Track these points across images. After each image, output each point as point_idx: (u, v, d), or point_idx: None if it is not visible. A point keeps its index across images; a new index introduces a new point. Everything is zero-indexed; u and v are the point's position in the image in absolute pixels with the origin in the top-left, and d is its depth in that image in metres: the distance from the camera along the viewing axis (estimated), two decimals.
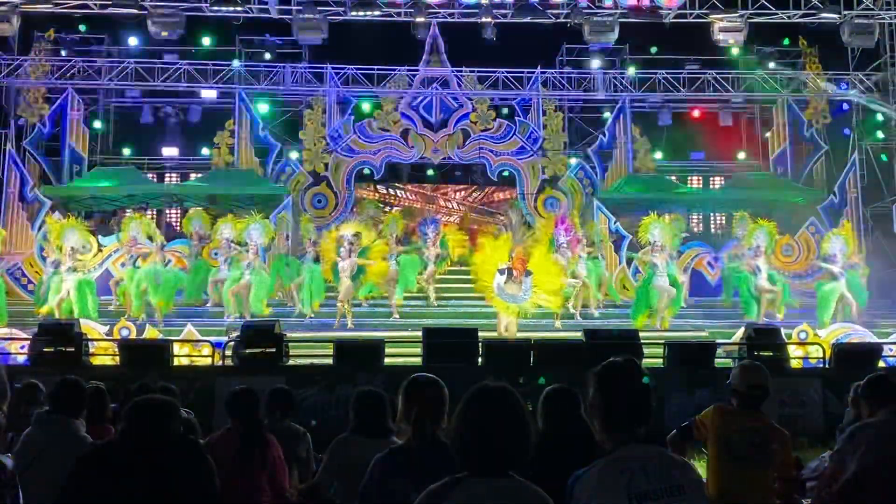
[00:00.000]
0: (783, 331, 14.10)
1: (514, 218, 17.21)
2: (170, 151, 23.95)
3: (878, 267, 19.27)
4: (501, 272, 15.27)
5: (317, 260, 18.10)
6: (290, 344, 12.92)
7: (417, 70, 22.87)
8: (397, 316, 17.98)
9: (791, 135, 23.11)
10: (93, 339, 14.15)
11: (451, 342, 12.53)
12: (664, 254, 17.32)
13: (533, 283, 15.29)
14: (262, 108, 22.85)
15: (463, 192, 24.77)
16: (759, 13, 20.62)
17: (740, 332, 14.59)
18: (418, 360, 12.27)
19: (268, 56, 23.17)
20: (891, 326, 17.12)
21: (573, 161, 23.00)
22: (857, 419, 5.31)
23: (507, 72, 22.73)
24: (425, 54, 22.80)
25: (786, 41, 23.62)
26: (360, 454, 4.29)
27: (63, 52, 22.54)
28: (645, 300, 17.34)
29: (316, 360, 13.36)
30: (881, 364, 12.92)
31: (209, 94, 23.00)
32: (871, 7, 20.59)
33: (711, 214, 24.34)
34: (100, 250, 18.98)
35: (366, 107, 22.98)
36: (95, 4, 20.12)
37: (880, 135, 22.67)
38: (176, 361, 12.94)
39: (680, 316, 17.96)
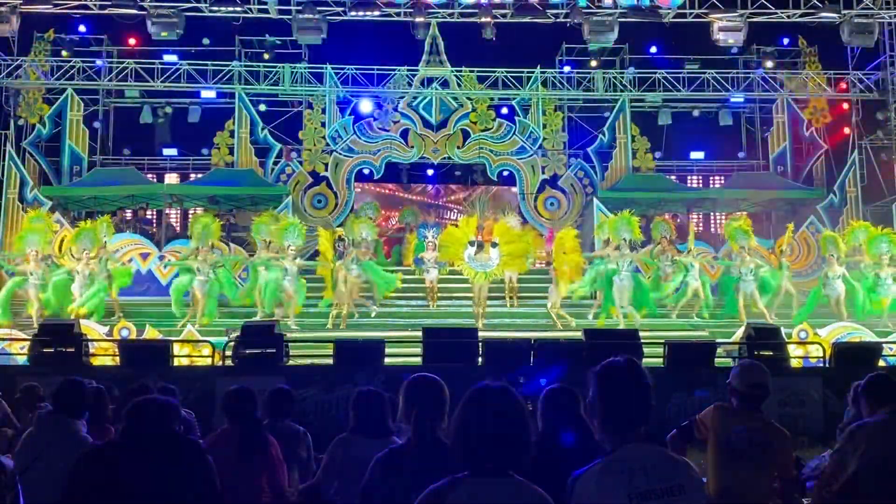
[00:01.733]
0: (783, 330, 14.11)
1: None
2: (169, 151, 23.98)
3: None
4: (472, 244, 16.95)
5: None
6: (290, 344, 12.93)
7: (417, 70, 22.89)
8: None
9: (791, 134, 23.13)
10: (93, 340, 14.13)
11: (450, 342, 12.54)
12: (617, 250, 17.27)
13: (500, 251, 16.91)
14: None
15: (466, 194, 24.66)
16: (758, 12, 20.62)
17: (740, 332, 14.59)
18: (418, 360, 12.28)
19: (267, 56, 23.17)
20: (891, 325, 17.11)
21: (573, 161, 23.07)
22: (858, 418, 5.31)
23: (507, 71, 22.74)
24: (425, 54, 22.81)
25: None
26: (361, 454, 4.29)
27: (63, 53, 22.53)
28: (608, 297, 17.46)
29: (316, 361, 13.36)
30: (881, 363, 12.92)
31: (209, 94, 23.00)
32: (871, 6, 20.59)
33: (711, 214, 24.34)
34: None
35: (365, 106, 22.98)
36: (95, 5, 20.12)
37: (880, 134, 22.66)
38: (176, 362, 12.93)
39: (680, 315, 17.95)
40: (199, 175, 22.71)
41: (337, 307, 17.28)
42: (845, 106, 23.20)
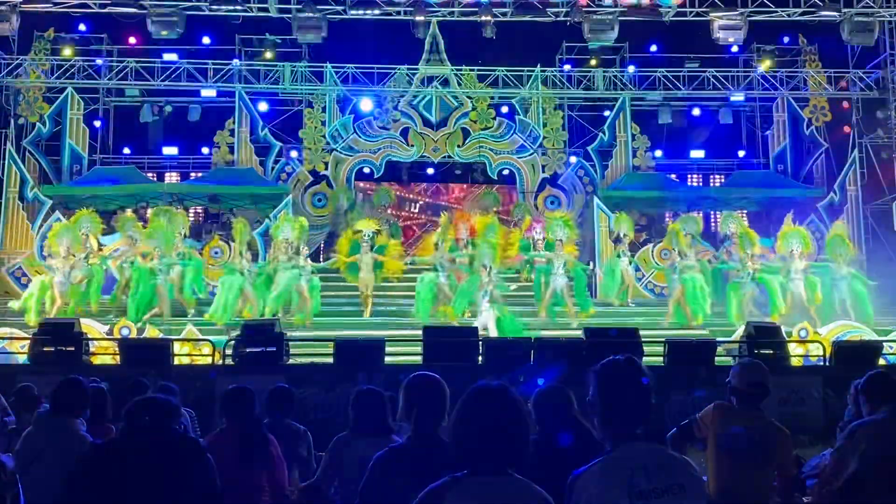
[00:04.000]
0: (783, 329, 14.11)
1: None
2: (170, 150, 23.97)
3: (879, 265, 19.23)
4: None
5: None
6: (290, 343, 12.93)
7: (417, 69, 22.88)
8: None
9: (791, 133, 23.12)
10: (93, 339, 14.13)
11: (451, 341, 12.55)
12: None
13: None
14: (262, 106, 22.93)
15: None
16: (758, 11, 20.60)
17: (741, 331, 14.59)
18: (418, 360, 12.28)
19: (268, 55, 23.16)
20: (890, 324, 17.09)
21: (573, 159, 23.07)
22: (858, 417, 5.31)
23: (507, 70, 22.72)
24: (425, 53, 22.80)
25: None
26: (361, 453, 4.29)
27: (65, 52, 22.49)
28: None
29: (316, 360, 13.36)
30: (881, 362, 12.92)
31: (209, 92, 22.99)
32: (871, 5, 20.57)
33: (711, 213, 24.33)
34: (100, 249, 18.94)
35: (366, 104, 22.97)
36: (95, 3, 20.10)
37: (881, 132, 22.65)
38: (176, 361, 12.93)
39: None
40: (200, 174, 22.71)
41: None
42: (845, 104, 23.19)
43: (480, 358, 12.30)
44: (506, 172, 23.26)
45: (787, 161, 23.08)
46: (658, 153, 23.69)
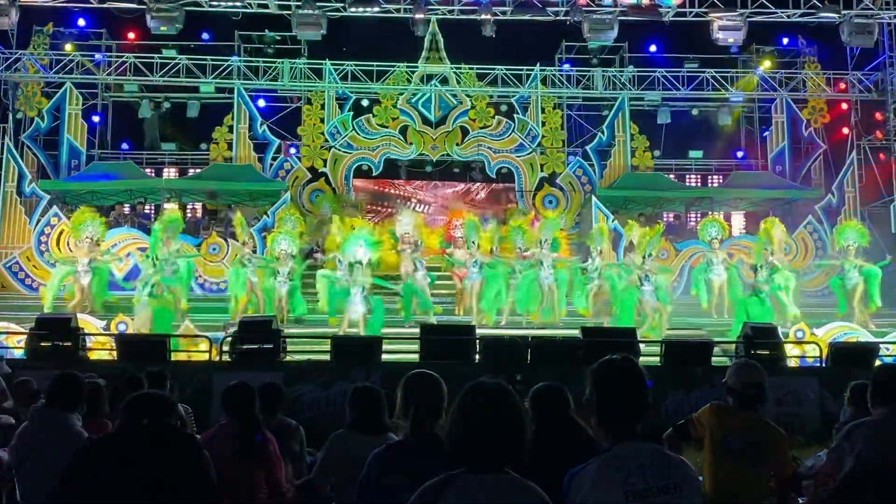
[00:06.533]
0: (780, 330, 14.12)
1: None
2: (168, 146, 23.94)
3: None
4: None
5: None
6: (287, 340, 12.93)
7: (416, 67, 22.87)
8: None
9: (789, 134, 23.14)
10: (90, 334, 14.12)
11: (448, 339, 12.55)
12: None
13: None
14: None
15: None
16: (758, 12, 20.60)
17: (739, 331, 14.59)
18: (415, 357, 12.28)
19: (267, 51, 23.14)
20: (888, 326, 17.11)
21: (572, 159, 23.06)
22: (854, 418, 5.31)
23: (507, 69, 22.72)
24: (424, 51, 22.79)
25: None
26: (357, 450, 4.29)
27: (66, 47, 22.45)
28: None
29: (313, 357, 13.36)
30: (878, 363, 12.93)
31: (208, 88, 22.96)
32: (871, 7, 20.58)
33: (710, 213, 24.31)
34: (97, 245, 18.86)
35: (365, 103, 22.97)
36: None
37: (879, 134, 22.67)
38: (173, 357, 12.92)
39: (678, 314, 17.95)
40: (198, 170, 22.68)
41: None
42: (844, 106, 23.22)
43: (477, 356, 12.31)
44: (504, 171, 23.26)
45: (785, 162, 23.10)
46: (657, 153, 23.67)
